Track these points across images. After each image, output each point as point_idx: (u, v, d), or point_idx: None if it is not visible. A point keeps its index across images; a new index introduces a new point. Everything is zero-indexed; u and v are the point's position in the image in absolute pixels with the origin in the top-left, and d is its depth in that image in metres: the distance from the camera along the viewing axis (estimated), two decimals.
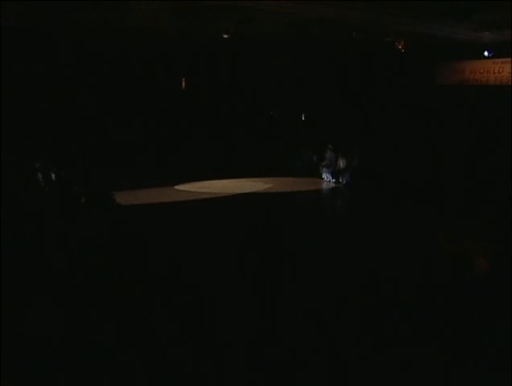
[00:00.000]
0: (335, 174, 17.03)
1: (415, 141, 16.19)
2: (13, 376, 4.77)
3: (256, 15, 11.33)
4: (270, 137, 19.97)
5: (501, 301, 6.01)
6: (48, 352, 5.20)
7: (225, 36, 12.88)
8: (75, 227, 10.61)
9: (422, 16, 11.83)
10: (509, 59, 14.55)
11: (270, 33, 13.88)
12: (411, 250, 9.11)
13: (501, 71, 14.86)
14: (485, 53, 14.84)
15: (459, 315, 5.87)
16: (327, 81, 19.24)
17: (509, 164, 13.16)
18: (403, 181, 14.51)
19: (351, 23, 12.46)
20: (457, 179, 14.24)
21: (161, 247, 9.33)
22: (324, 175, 17.60)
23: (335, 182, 16.95)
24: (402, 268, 7.76)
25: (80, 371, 4.89)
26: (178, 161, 17.57)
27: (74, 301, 6.60)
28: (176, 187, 15.93)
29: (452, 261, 7.01)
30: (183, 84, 19.52)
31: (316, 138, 18.85)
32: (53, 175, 12.88)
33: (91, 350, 5.30)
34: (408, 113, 17.09)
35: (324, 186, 17.02)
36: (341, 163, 17.00)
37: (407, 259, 8.46)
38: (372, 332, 5.60)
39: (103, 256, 8.35)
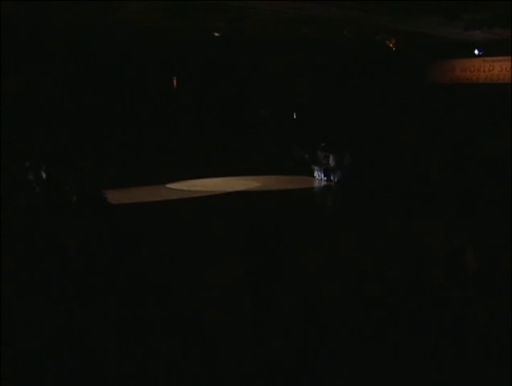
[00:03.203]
0: (326, 172, 17.09)
1: (408, 140, 16.20)
2: (13, 376, 4.74)
3: (250, 15, 11.33)
4: (262, 135, 19.97)
5: (501, 301, 6.04)
6: (48, 352, 5.17)
7: (216, 35, 12.89)
8: (65, 226, 10.52)
9: (412, 15, 11.87)
10: (499, 58, 14.65)
11: (263, 32, 13.88)
12: (411, 250, 9.07)
13: (491, 69, 14.96)
14: (476, 51, 14.94)
15: (459, 315, 5.90)
16: (319, 80, 19.27)
17: (509, 164, 13.11)
18: (395, 180, 14.50)
19: (342, 22, 12.49)
20: (455, 179, 14.10)
21: (153, 245, 9.29)
22: (315, 173, 17.66)
23: (326, 180, 17.01)
24: (402, 268, 7.76)
25: (80, 371, 4.86)
26: (170, 159, 17.53)
27: (70, 301, 6.55)
28: (168, 186, 15.90)
29: (451, 261, 7.02)
30: (175, 83, 19.48)
31: (308, 137, 18.88)
32: (43, 174, 12.78)
33: (91, 350, 5.27)
34: (401, 112, 17.12)
35: (316, 184, 17.07)
36: (333, 161, 17.07)
37: (407, 259, 8.43)
38: (371, 332, 5.62)
39: (94, 256, 8.29)
